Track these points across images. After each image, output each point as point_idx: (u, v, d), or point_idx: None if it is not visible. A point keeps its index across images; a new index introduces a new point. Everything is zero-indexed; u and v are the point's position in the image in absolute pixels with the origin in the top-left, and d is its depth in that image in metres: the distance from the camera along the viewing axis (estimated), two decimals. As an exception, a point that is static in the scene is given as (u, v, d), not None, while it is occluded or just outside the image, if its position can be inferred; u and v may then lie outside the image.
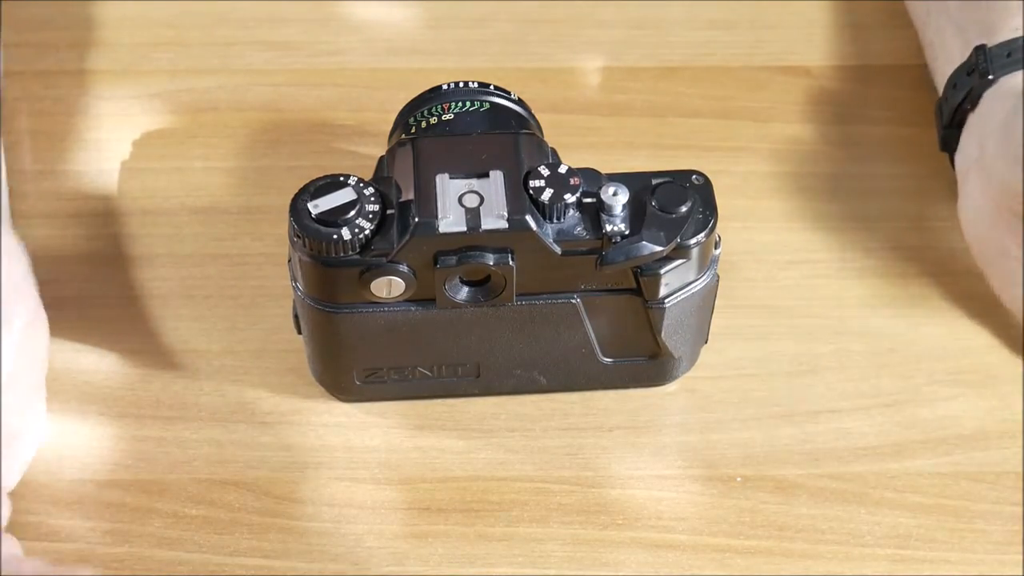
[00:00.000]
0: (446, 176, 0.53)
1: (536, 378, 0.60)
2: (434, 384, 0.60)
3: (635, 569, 0.57)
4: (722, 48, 0.73)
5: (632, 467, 0.60)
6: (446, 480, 0.60)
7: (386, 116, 0.61)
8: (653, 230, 0.54)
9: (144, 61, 0.72)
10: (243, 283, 0.64)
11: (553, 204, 0.53)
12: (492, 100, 0.59)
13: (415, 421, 0.61)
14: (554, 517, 0.59)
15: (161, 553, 0.57)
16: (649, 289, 0.56)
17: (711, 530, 0.58)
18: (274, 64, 0.72)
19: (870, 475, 0.60)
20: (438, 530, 0.58)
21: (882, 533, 0.58)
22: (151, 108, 0.70)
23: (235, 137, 0.69)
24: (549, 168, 0.53)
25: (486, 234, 0.53)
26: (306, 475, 0.60)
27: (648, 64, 0.72)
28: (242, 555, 0.58)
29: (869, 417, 0.61)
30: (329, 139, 0.69)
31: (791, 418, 0.61)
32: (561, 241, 0.53)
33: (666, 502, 0.59)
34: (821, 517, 0.59)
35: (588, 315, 0.57)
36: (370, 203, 0.53)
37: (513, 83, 0.60)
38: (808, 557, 0.58)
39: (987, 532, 0.58)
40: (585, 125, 0.70)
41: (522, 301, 0.56)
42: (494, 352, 0.58)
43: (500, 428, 0.61)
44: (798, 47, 0.73)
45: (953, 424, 0.61)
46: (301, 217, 0.53)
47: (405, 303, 0.55)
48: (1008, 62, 0.61)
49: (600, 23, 0.74)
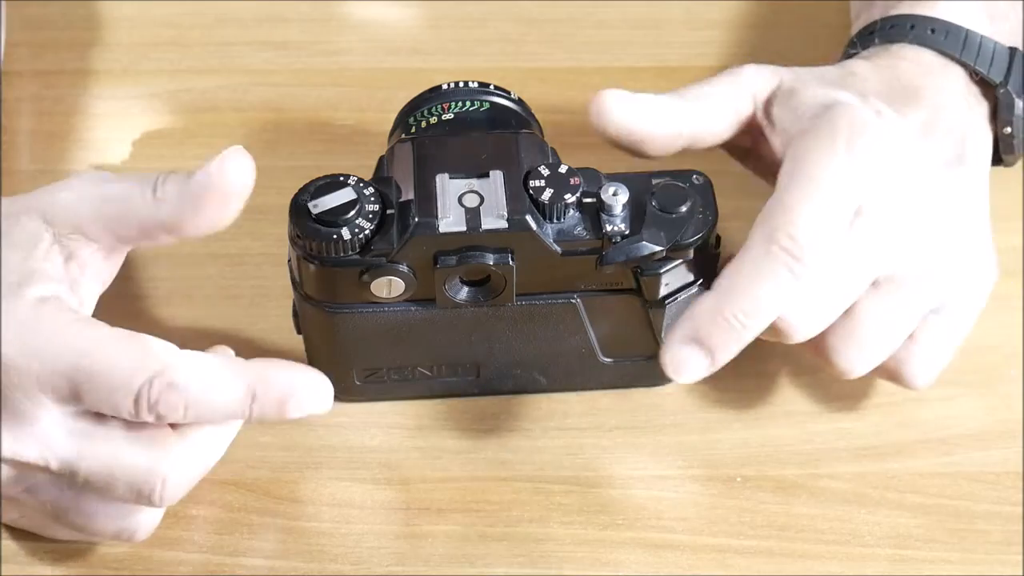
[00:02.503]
0: (446, 176, 0.53)
1: (536, 378, 0.60)
2: (434, 384, 0.60)
3: (635, 569, 0.57)
4: (722, 48, 0.73)
5: (632, 467, 0.60)
6: (446, 480, 0.60)
7: (386, 116, 0.61)
8: (653, 230, 0.54)
9: (144, 61, 0.72)
10: (243, 283, 0.64)
11: (553, 204, 0.53)
12: (492, 100, 0.59)
13: (415, 421, 0.61)
14: (554, 517, 0.59)
15: (161, 553, 0.57)
16: (649, 289, 0.56)
17: (711, 530, 0.58)
18: (274, 64, 0.72)
19: (870, 475, 0.60)
20: (438, 530, 0.58)
21: (882, 533, 0.58)
22: (151, 108, 0.70)
23: (235, 137, 0.69)
24: (549, 168, 0.53)
25: (486, 234, 0.53)
26: (306, 475, 0.60)
27: (648, 64, 0.72)
28: (242, 555, 0.58)
29: (869, 417, 0.61)
30: (329, 139, 0.69)
31: (791, 418, 0.61)
32: (561, 241, 0.53)
33: (666, 502, 0.59)
34: (821, 517, 0.59)
35: (588, 315, 0.57)
36: (370, 203, 0.53)
37: (513, 83, 0.60)
38: (808, 557, 0.58)
39: (987, 532, 0.58)
40: (585, 125, 0.70)
41: (522, 301, 0.56)
42: (494, 352, 0.58)
43: (500, 428, 0.61)
44: (798, 47, 0.73)
45: (953, 424, 0.61)
46: (301, 217, 0.53)
47: (405, 303, 0.55)
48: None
49: (600, 23, 0.74)
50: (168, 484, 0.52)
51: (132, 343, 0.51)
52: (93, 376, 0.49)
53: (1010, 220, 0.66)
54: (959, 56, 0.60)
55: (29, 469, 0.52)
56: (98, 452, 0.51)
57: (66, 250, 0.52)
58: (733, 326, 0.53)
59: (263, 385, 0.52)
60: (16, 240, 0.52)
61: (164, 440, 0.52)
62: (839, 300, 0.56)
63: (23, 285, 0.51)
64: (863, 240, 0.55)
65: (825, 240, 0.54)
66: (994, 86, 0.60)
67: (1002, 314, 0.63)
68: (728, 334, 0.53)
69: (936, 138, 0.58)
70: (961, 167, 0.58)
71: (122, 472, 0.51)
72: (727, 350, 0.54)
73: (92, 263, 0.53)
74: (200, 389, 0.51)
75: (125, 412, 0.50)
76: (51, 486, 0.53)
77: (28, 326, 0.50)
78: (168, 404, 0.50)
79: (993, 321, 0.63)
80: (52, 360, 0.50)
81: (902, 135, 0.57)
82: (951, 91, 0.59)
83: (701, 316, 0.53)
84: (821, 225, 0.54)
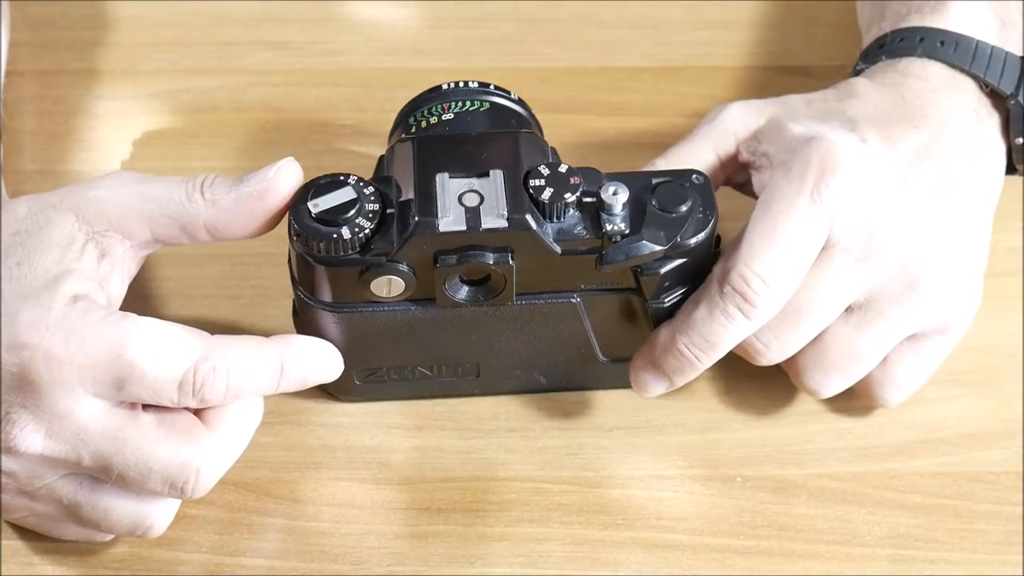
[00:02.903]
0: (446, 175, 0.53)
1: (536, 378, 0.60)
2: (434, 384, 0.60)
3: (635, 569, 0.57)
4: (722, 48, 0.73)
5: (632, 467, 0.60)
6: (446, 480, 0.60)
7: (386, 116, 0.61)
8: (653, 229, 0.54)
9: (144, 61, 0.72)
10: (243, 283, 0.64)
11: (553, 203, 0.53)
12: (492, 100, 0.59)
13: (415, 421, 0.61)
14: (554, 517, 0.59)
15: (161, 553, 0.57)
16: (649, 288, 0.56)
17: (711, 530, 0.58)
18: (274, 64, 0.72)
19: (870, 475, 0.60)
20: (438, 530, 0.58)
21: (882, 533, 0.58)
22: (151, 108, 0.70)
23: (235, 137, 0.69)
24: (549, 167, 0.53)
25: (486, 233, 0.53)
26: (306, 475, 0.60)
27: (648, 64, 0.72)
28: (242, 555, 0.58)
29: (869, 417, 0.61)
30: (329, 139, 0.69)
31: (791, 418, 0.61)
32: (561, 240, 0.53)
33: (666, 502, 0.59)
34: (821, 517, 0.59)
35: (588, 315, 0.57)
36: (370, 202, 0.53)
37: (513, 83, 0.60)
38: (808, 557, 0.58)
39: (987, 532, 0.58)
40: (585, 125, 0.70)
41: (522, 300, 0.56)
42: (494, 352, 0.58)
43: (500, 428, 0.61)
44: (798, 47, 0.73)
45: (953, 424, 0.61)
46: (301, 216, 0.53)
47: (405, 303, 0.55)
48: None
49: (600, 23, 0.74)
50: (201, 476, 0.53)
51: (171, 331, 0.52)
52: (136, 365, 0.51)
53: (1010, 220, 0.66)
54: (969, 68, 0.59)
55: (58, 464, 0.52)
56: (133, 445, 0.52)
57: (100, 247, 0.54)
58: (687, 357, 0.56)
59: (290, 359, 0.54)
60: (51, 238, 0.53)
61: (197, 433, 0.53)
62: (806, 329, 0.57)
63: (59, 282, 0.52)
64: (831, 272, 0.56)
65: (784, 281, 0.55)
66: (1005, 98, 0.59)
67: (1002, 314, 0.63)
68: (681, 363, 0.57)
69: (933, 162, 0.58)
70: (958, 191, 0.58)
71: (157, 464, 0.52)
72: (683, 376, 0.57)
73: (123, 260, 0.55)
74: (240, 370, 0.53)
75: (167, 399, 0.52)
76: (70, 481, 0.53)
77: (68, 321, 0.51)
78: (212, 387, 0.52)
79: (993, 321, 0.63)
80: (95, 353, 0.51)
81: (885, 166, 0.57)
82: (959, 106, 0.59)
83: (659, 345, 0.57)
84: (779, 268, 0.55)
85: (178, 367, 0.51)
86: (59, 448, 0.51)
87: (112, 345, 0.51)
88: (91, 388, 0.51)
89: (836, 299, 0.56)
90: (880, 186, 0.56)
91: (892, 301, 0.57)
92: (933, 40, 0.60)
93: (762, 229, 0.55)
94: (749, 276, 0.54)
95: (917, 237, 0.57)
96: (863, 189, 0.56)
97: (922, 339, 0.58)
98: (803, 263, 0.55)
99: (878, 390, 0.59)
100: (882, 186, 0.57)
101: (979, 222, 0.59)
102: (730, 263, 0.55)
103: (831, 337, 0.57)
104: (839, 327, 0.57)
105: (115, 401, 0.52)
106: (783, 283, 0.55)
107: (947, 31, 0.60)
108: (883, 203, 0.56)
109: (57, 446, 0.51)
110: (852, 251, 0.56)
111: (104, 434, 0.51)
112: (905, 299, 0.57)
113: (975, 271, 0.59)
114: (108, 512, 0.54)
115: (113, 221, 0.54)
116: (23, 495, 0.54)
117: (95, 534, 0.56)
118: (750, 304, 0.55)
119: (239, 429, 0.54)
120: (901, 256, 0.56)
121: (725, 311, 0.55)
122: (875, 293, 0.57)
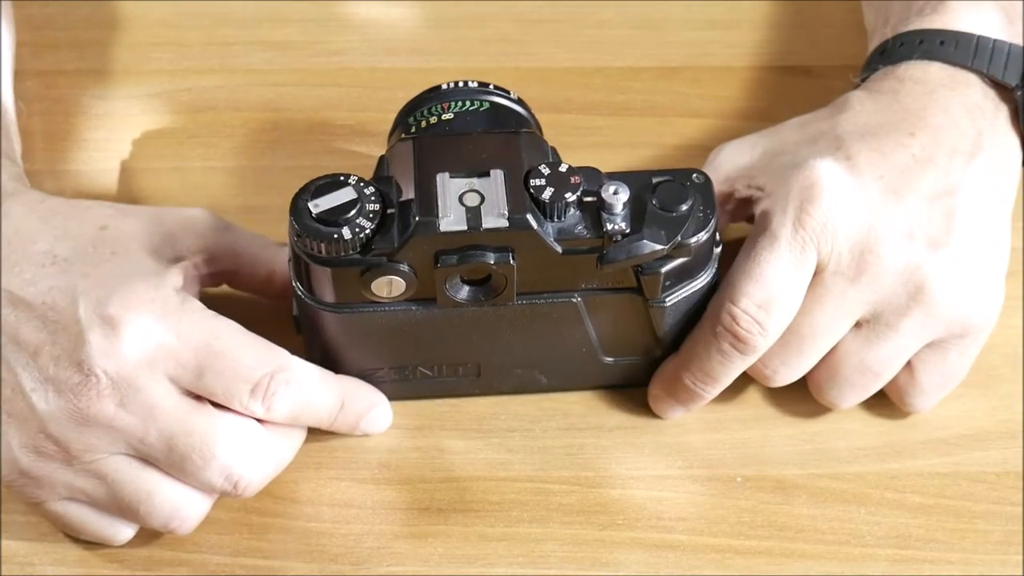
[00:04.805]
0: (446, 175, 0.53)
1: (537, 378, 0.60)
2: (435, 384, 0.60)
3: (635, 569, 0.57)
4: (722, 48, 0.73)
5: (632, 467, 0.60)
6: (446, 480, 0.60)
7: (386, 116, 0.61)
8: (654, 229, 0.54)
9: (144, 61, 0.72)
10: (243, 283, 0.64)
11: (554, 203, 0.53)
12: (492, 99, 0.59)
13: (415, 421, 0.61)
14: (554, 517, 0.59)
15: (161, 553, 0.57)
16: (650, 288, 0.56)
17: (711, 530, 0.58)
18: (274, 64, 0.72)
19: (870, 475, 0.60)
20: (438, 530, 0.58)
21: (882, 533, 0.58)
22: (151, 108, 0.70)
23: (234, 137, 0.69)
24: (549, 167, 0.53)
25: (487, 233, 0.53)
26: (306, 475, 0.60)
27: (648, 64, 0.72)
28: (242, 555, 0.58)
29: (869, 417, 0.61)
30: (329, 139, 0.69)
31: (791, 418, 0.61)
32: (562, 240, 0.53)
33: (666, 502, 0.59)
34: (821, 517, 0.59)
35: (589, 314, 0.57)
36: (370, 202, 0.53)
37: (513, 83, 0.60)
38: (808, 557, 0.58)
39: (987, 532, 0.59)
40: (585, 125, 0.70)
41: (523, 300, 0.56)
42: (495, 351, 0.58)
43: (500, 428, 0.61)
44: (798, 47, 0.73)
45: (953, 424, 0.61)
46: (301, 217, 0.53)
47: (406, 303, 0.55)
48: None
49: (600, 23, 0.74)
50: (256, 475, 0.55)
51: (257, 338, 0.55)
52: (222, 358, 0.53)
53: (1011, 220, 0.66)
54: (971, 65, 0.59)
55: (121, 437, 0.53)
56: (202, 429, 0.53)
57: (185, 270, 0.56)
58: (693, 389, 0.59)
59: (351, 399, 0.58)
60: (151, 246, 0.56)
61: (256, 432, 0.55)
62: (811, 352, 0.57)
63: (166, 274, 0.55)
64: (826, 295, 0.56)
65: (773, 315, 0.55)
66: (1010, 89, 0.59)
67: (1002, 314, 0.63)
68: (689, 394, 0.59)
69: (932, 167, 0.57)
70: (964, 192, 0.57)
71: (221, 452, 0.53)
72: (694, 403, 0.60)
73: (192, 287, 0.57)
74: (309, 391, 0.56)
75: (237, 400, 0.54)
76: (121, 459, 0.54)
77: (171, 305, 0.54)
78: (282, 398, 0.54)
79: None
80: (188, 336, 0.53)
81: (872, 181, 0.57)
82: (958, 104, 0.59)
83: (667, 376, 0.60)
84: (766, 304, 0.55)
85: (257, 371, 0.54)
86: (128, 420, 0.53)
87: (204, 334, 0.53)
88: (172, 370, 0.53)
89: (836, 321, 0.57)
90: (866, 203, 0.56)
91: (899, 313, 0.57)
92: (933, 41, 0.60)
93: (747, 266, 0.56)
94: (737, 314, 0.55)
95: (916, 246, 0.56)
96: (847, 210, 0.56)
97: (942, 344, 0.58)
98: (791, 294, 0.56)
99: (906, 398, 0.60)
100: (869, 202, 0.56)
101: (993, 219, 0.59)
102: (720, 301, 0.56)
103: (842, 353, 0.58)
104: (849, 343, 0.57)
105: (186, 390, 0.53)
106: (773, 317, 0.55)
107: (947, 30, 0.60)
108: (871, 219, 0.56)
109: (128, 418, 0.53)
110: (844, 272, 0.56)
111: (175, 415, 0.53)
112: (912, 309, 0.57)
113: (992, 270, 0.58)
114: (151, 495, 0.54)
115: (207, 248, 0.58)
116: (67, 468, 0.54)
117: (115, 529, 0.56)
118: (742, 341, 0.56)
119: (291, 440, 0.57)
120: (898, 268, 0.56)
121: (720, 349, 0.56)
122: (881, 307, 0.57)
